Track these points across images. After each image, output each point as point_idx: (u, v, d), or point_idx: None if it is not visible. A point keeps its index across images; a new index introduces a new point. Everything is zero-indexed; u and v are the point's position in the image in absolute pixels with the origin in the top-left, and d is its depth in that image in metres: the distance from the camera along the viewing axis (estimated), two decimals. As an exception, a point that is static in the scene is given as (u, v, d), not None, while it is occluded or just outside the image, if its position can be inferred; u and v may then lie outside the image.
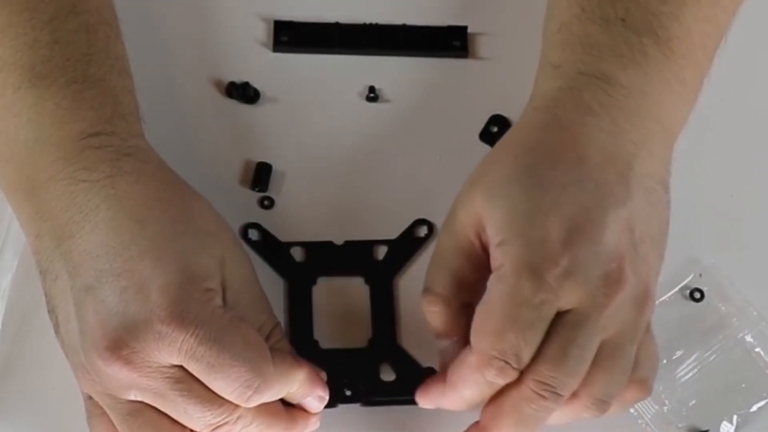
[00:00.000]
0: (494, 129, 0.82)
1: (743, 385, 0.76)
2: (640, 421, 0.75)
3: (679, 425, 0.75)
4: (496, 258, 0.66)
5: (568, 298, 0.65)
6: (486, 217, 0.67)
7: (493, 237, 0.67)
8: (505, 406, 0.67)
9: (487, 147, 0.82)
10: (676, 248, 0.78)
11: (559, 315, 0.66)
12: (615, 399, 0.68)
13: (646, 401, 0.75)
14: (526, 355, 0.65)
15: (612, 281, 0.66)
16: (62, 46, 0.71)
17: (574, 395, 0.67)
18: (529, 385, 0.66)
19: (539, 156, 0.68)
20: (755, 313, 0.77)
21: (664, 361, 0.76)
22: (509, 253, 0.66)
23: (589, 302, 0.65)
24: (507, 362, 0.65)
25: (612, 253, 0.66)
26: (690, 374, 0.76)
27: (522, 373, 0.66)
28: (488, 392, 0.67)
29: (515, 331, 0.65)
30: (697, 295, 0.78)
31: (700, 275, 0.78)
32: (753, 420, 0.75)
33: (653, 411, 0.75)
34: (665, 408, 0.75)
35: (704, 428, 0.75)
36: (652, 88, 0.71)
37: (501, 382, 0.66)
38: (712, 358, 0.76)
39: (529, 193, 0.67)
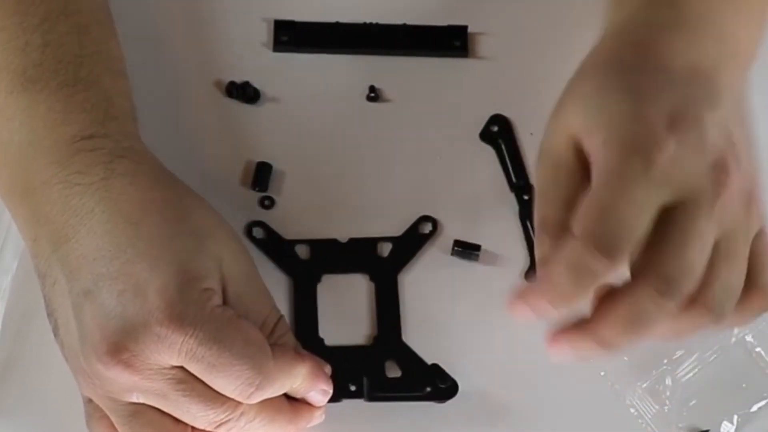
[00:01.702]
0: (494, 128, 0.82)
1: (743, 385, 0.76)
2: (640, 421, 0.75)
3: (679, 425, 0.75)
4: (599, 156, 0.64)
5: (678, 185, 0.63)
6: (584, 127, 0.65)
7: (595, 140, 0.64)
8: (619, 304, 0.63)
9: (487, 146, 0.82)
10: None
11: (669, 210, 0.63)
12: (732, 305, 0.65)
13: (646, 401, 0.75)
14: (633, 239, 0.62)
15: (720, 170, 0.63)
16: (53, 49, 0.71)
17: (692, 300, 0.63)
18: (648, 281, 0.62)
19: (625, 68, 0.67)
20: (755, 312, 0.78)
21: (665, 361, 0.76)
22: (614, 143, 0.63)
23: (700, 190, 0.63)
24: (614, 243, 0.61)
25: (715, 146, 0.64)
26: (690, 374, 0.76)
27: (636, 270, 0.63)
28: (587, 283, 0.62)
29: (624, 210, 0.62)
30: (698, 295, 0.78)
31: (700, 275, 0.79)
32: (753, 420, 0.75)
33: (653, 411, 0.75)
34: (665, 408, 0.75)
35: (704, 428, 0.75)
36: (719, 13, 0.70)
37: (603, 268, 0.61)
38: (712, 358, 0.76)
39: (623, 96, 0.65)
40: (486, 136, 0.82)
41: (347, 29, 0.85)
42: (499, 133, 0.82)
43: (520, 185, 0.81)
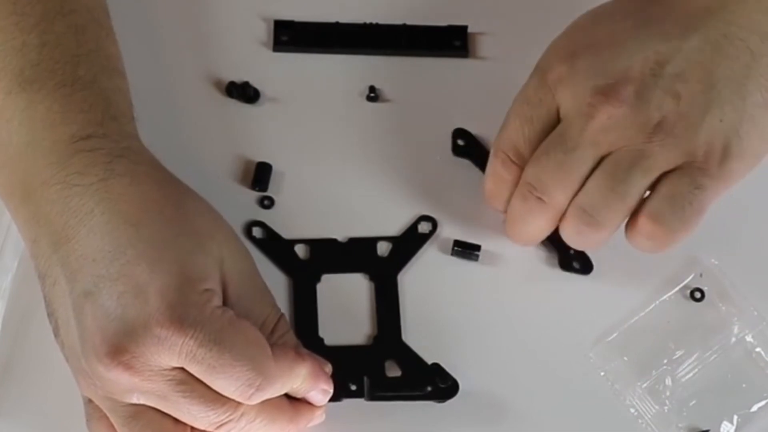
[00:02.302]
0: (460, 142, 0.82)
1: (743, 385, 0.76)
2: (640, 421, 0.75)
3: (679, 425, 0.75)
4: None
5: (563, 102, 0.71)
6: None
7: None
8: (510, 205, 0.74)
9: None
10: (676, 248, 0.79)
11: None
12: (603, 216, 0.71)
13: (646, 401, 0.75)
14: (524, 149, 0.73)
15: (601, 94, 0.70)
16: (50, 49, 0.71)
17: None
18: (521, 185, 0.73)
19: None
20: (755, 313, 0.77)
21: (665, 361, 0.76)
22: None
23: (574, 109, 0.71)
24: (506, 154, 0.73)
25: (616, 73, 0.70)
26: (690, 374, 0.76)
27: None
28: (501, 186, 0.74)
29: (514, 125, 0.73)
30: (698, 295, 0.78)
31: (701, 275, 0.78)
32: (753, 420, 0.75)
33: (653, 411, 0.75)
34: (665, 408, 0.75)
35: (704, 428, 0.75)
36: None
37: (504, 174, 0.73)
38: (712, 358, 0.76)
39: (583, 30, 0.74)
40: (456, 150, 0.82)
41: (347, 29, 0.85)
42: (465, 147, 0.82)
43: None
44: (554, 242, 0.78)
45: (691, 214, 0.71)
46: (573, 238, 0.74)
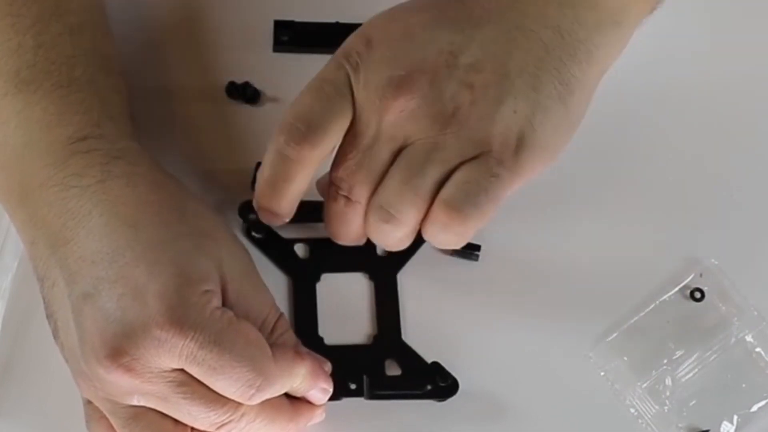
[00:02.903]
0: None
1: (743, 385, 0.76)
2: (640, 421, 0.75)
3: (679, 425, 0.75)
4: None
5: (357, 92, 0.70)
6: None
7: None
8: (325, 207, 0.73)
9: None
10: (676, 248, 0.79)
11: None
12: (399, 211, 0.70)
13: (646, 401, 0.75)
14: (319, 124, 0.70)
15: (393, 86, 0.69)
16: (46, 50, 0.70)
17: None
18: (330, 186, 0.72)
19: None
20: (755, 313, 0.78)
21: (665, 361, 0.76)
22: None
23: (368, 104, 0.70)
24: (296, 126, 0.70)
25: (408, 64, 0.70)
26: (690, 374, 0.76)
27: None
28: (282, 170, 0.71)
29: (308, 96, 0.71)
30: (697, 295, 0.78)
31: (701, 275, 0.78)
32: (753, 420, 0.75)
33: (653, 411, 0.75)
34: (665, 408, 0.75)
35: (704, 428, 0.75)
36: None
37: (289, 151, 0.70)
38: (712, 358, 0.77)
39: (379, 26, 0.73)
40: None
41: (347, 29, 0.85)
42: None
43: None
44: None
45: (486, 202, 0.70)
46: (375, 236, 0.72)
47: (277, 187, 0.72)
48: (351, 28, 0.84)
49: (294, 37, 0.85)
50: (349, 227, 0.73)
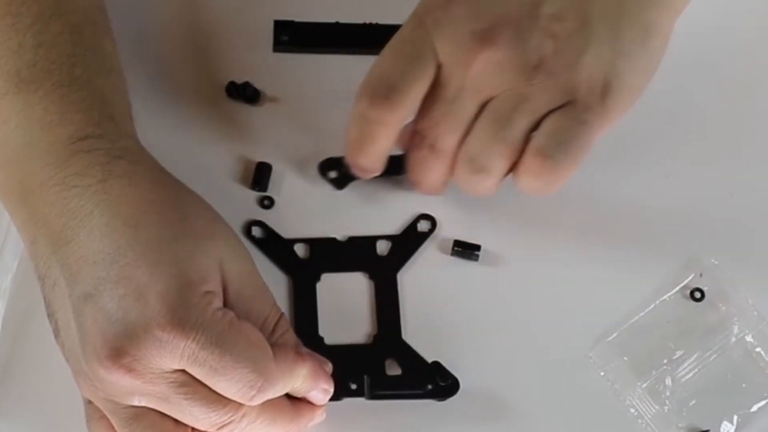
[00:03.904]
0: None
1: (743, 385, 0.76)
2: (640, 421, 0.75)
3: (679, 425, 0.75)
4: None
5: (440, 47, 0.71)
6: None
7: None
8: (409, 155, 0.75)
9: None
10: (676, 248, 0.79)
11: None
12: (489, 162, 0.72)
13: (646, 401, 0.75)
14: (399, 87, 0.72)
15: (477, 39, 0.70)
16: (47, 49, 0.70)
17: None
18: (414, 134, 0.73)
19: None
20: (755, 313, 0.78)
21: (665, 361, 0.76)
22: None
23: (453, 57, 0.71)
24: (377, 90, 0.72)
25: (491, 17, 0.71)
26: (690, 374, 0.76)
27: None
28: (366, 129, 0.73)
29: (388, 60, 0.72)
30: (697, 295, 0.78)
31: (701, 275, 0.78)
32: (753, 420, 0.75)
33: (653, 411, 0.75)
34: (665, 408, 0.75)
35: (704, 428, 0.75)
36: None
37: (371, 114, 0.72)
38: (712, 358, 0.77)
39: None
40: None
41: (347, 29, 0.85)
42: None
43: None
44: None
45: (577, 149, 0.71)
46: (465, 185, 0.74)
47: (363, 146, 0.74)
48: (351, 28, 0.85)
49: (294, 37, 0.85)
50: (432, 175, 0.75)
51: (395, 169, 0.78)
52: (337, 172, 0.80)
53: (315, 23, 0.85)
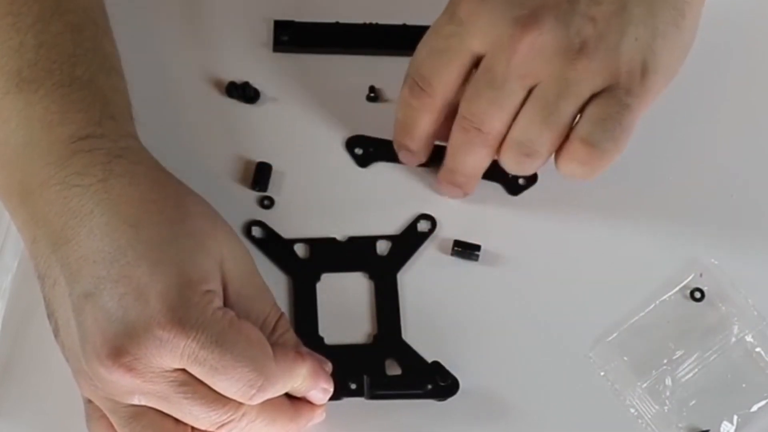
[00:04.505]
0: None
1: (743, 385, 0.76)
2: (640, 421, 0.75)
3: (679, 425, 0.75)
4: None
5: (478, 38, 0.72)
6: None
7: None
8: (451, 137, 0.76)
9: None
10: (676, 248, 0.79)
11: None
12: (538, 146, 0.73)
13: (646, 401, 0.75)
14: (433, 79, 0.74)
15: (520, 25, 0.71)
16: (47, 49, 0.70)
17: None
18: (457, 120, 0.75)
19: None
20: (755, 313, 0.78)
21: (665, 361, 0.76)
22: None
23: (496, 44, 0.72)
24: (415, 81, 0.75)
25: (531, 2, 0.72)
26: (690, 374, 0.76)
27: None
28: (410, 115, 0.76)
29: (422, 54, 0.74)
30: (697, 295, 0.78)
31: (701, 275, 0.79)
32: (753, 420, 0.75)
33: (653, 411, 0.75)
34: (665, 408, 0.75)
35: (704, 428, 0.75)
36: None
37: (412, 101, 0.75)
38: (712, 358, 0.77)
39: None
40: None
41: (347, 29, 0.85)
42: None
43: None
44: (494, 175, 0.80)
45: (621, 134, 0.72)
46: (513, 168, 0.76)
47: (408, 129, 0.77)
48: (351, 28, 0.85)
49: (294, 37, 0.85)
50: (475, 157, 0.76)
51: (440, 159, 0.79)
52: (363, 149, 0.82)
53: (315, 23, 0.85)
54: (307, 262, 0.78)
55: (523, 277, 0.79)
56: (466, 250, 0.79)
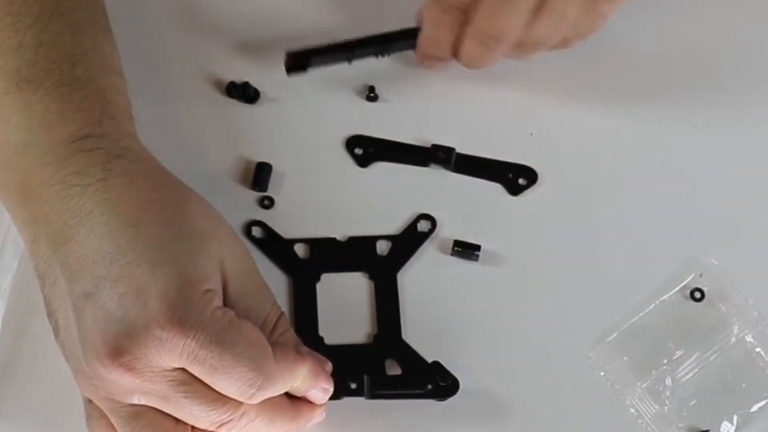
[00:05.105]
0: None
1: (743, 385, 0.76)
2: (640, 421, 0.75)
3: (679, 425, 0.75)
4: None
5: None
6: None
7: None
8: (466, 51, 0.80)
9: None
10: (676, 248, 0.79)
11: None
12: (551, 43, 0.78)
13: (646, 401, 0.75)
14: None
15: None
16: (47, 49, 0.71)
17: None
18: (475, 34, 0.78)
19: None
20: (755, 313, 0.78)
21: (665, 361, 0.76)
22: None
23: None
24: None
25: None
26: (690, 374, 0.76)
27: None
28: (441, 32, 0.80)
29: None
30: (697, 295, 0.78)
31: (701, 275, 0.78)
32: (753, 420, 0.75)
33: (653, 411, 0.75)
34: (665, 408, 0.75)
35: (704, 428, 0.75)
36: None
37: (445, 18, 0.78)
38: (712, 358, 0.76)
39: None
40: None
41: (351, 45, 0.84)
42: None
43: None
44: (494, 175, 0.80)
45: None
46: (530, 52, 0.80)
47: (441, 42, 0.80)
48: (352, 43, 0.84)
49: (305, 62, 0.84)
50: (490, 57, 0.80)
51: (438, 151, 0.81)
52: (363, 149, 0.81)
53: (324, 47, 0.83)
54: (307, 262, 0.78)
55: (523, 277, 0.79)
56: (466, 250, 0.79)
